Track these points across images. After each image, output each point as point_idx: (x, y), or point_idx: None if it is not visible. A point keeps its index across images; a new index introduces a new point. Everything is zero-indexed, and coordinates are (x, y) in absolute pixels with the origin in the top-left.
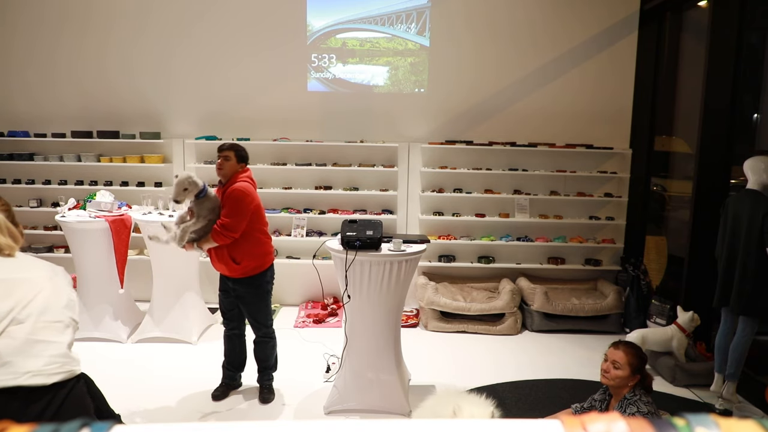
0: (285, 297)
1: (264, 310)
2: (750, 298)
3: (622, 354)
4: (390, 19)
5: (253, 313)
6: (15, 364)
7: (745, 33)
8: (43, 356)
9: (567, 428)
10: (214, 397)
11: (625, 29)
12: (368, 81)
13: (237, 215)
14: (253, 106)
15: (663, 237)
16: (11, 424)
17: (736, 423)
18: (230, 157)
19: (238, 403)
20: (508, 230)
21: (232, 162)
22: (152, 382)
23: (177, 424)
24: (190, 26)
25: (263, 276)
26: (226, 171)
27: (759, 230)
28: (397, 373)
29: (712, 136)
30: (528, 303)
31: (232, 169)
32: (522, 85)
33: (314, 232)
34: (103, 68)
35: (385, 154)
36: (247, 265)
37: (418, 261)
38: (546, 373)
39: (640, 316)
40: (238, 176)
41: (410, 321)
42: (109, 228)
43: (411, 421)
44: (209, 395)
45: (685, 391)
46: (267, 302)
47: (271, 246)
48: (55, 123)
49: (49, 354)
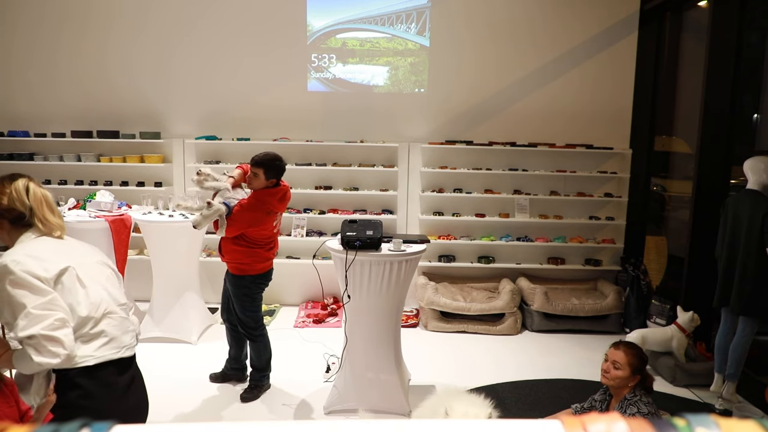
0: (285, 297)
1: (243, 312)
2: (750, 298)
3: (623, 354)
4: (390, 19)
5: (237, 309)
6: (118, 339)
7: (745, 33)
8: (130, 332)
9: (567, 428)
10: (210, 377)
11: (625, 29)
12: (368, 81)
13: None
14: (253, 106)
15: (663, 237)
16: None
17: (736, 423)
18: (258, 174)
19: (238, 403)
20: (508, 230)
21: (261, 179)
22: (152, 382)
23: (177, 424)
24: (190, 26)
25: (244, 279)
26: (254, 187)
27: (759, 230)
28: (397, 373)
29: (712, 136)
30: (528, 303)
31: (261, 185)
32: (522, 85)
33: (314, 232)
34: (103, 68)
35: (385, 154)
36: (231, 260)
37: (418, 261)
38: (546, 373)
39: (640, 316)
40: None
41: (410, 321)
42: (109, 228)
43: (411, 421)
44: (209, 395)
45: (685, 391)
46: (247, 305)
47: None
48: (55, 123)
49: (132, 330)
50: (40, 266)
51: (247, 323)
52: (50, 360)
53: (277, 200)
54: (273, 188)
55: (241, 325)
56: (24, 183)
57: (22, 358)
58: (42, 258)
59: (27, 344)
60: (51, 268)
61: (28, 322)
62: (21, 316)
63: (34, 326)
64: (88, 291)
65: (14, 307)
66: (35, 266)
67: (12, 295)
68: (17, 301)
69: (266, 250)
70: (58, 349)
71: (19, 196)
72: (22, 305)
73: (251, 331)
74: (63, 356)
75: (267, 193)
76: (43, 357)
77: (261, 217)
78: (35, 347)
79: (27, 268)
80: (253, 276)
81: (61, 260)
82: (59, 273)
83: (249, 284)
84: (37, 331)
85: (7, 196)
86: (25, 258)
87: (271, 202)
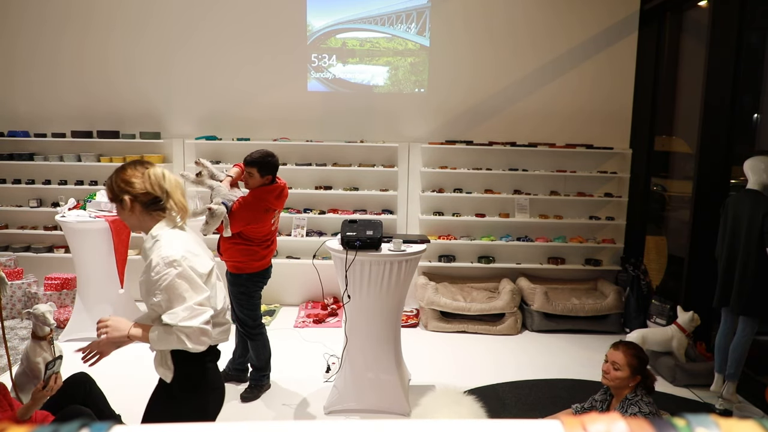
0: (285, 297)
1: (241, 310)
2: (750, 298)
3: (622, 355)
4: (390, 19)
5: (235, 307)
6: (226, 325)
7: (745, 33)
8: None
9: (567, 428)
10: None
11: (625, 29)
12: (368, 81)
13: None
14: (253, 106)
15: (663, 237)
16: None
17: (736, 423)
18: (253, 173)
19: (237, 404)
20: (508, 230)
21: (256, 178)
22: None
23: (176, 424)
24: (190, 27)
25: (240, 277)
26: (251, 186)
27: (759, 230)
28: (397, 373)
29: (712, 136)
30: (528, 303)
31: (257, 184)
32: (522, 85)
33: (314, 232)
34: (104, 68)
35: (385, 154)
36: (228, 258)
37: (418, 261)
38: (546, 373)
39: (640, 316)
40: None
41: (410, 321)
42: (109, 228)
43: (411, 421)
44: None
45: (685, 391)
46: (245, 303)
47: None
48: (55, 123)
49: None
50: (199, 263)
51: (245, 321)
52: (200, 347)
53: (274, 197)
54: (270, 185)
55: (240, 323)
56: (160, 170)
57: (166, 340)
58: (198, 254)
59: (180, 331)
60: (206, 265)
61: (188, 314)
62: (181, 308)
63: (194, 319)
64: (220, 285)
65: (174, 298)
66: (197, 263)
67: (175, 287)
68: (178, 293)
69: (264, 248)
70: (206, 339)
71: (157, 180)
72: (182, 298)
73: (249, 330)
74: (207, 345)
75: (264, 191)
76: (195, 344)
77: (259, 215)
78: (188, 335)
79: (192, 264)
80: (250, 274)
81: (207, 256)
82: (210, 270)
83: (246, 282)
84: (197, 324)
85: (145, 181)
86: (188, 254)
87: (269, 200)
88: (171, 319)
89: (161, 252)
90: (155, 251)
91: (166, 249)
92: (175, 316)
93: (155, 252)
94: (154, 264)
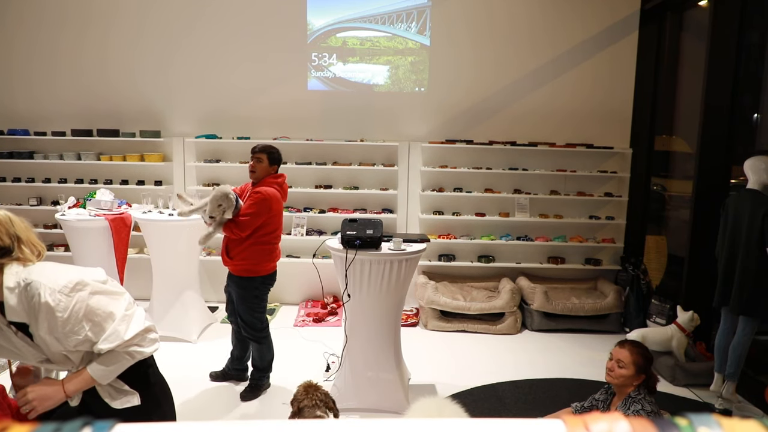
0: (285, 296)
1: (251, 314)
2: (750, 297)
3: (627, 353)
4: (390, 18)
5: (240, 312)
6: None
7: (745, 33)
8: None
9: (569, 428)
10: (210, 376)
11: (625, 29)
12: (368, 80)
13: (252, 215)
14: (253, 104)
15: (663, 237)
16: (12, 424)
17: (738, 423)
18: (262, 159)
19: (237, 403)
20: (508, 229)
21: (264, 164)
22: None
23: (176, 424)
24: (190, 25)
25: (253, 281)
26: (258, 174)
27: (759, 230)
28: (397, 372)
29: (712, 135)
30: (528, 302)
31: (264, 172)
32: (522, 84)
33: (314, 231)
34: (104, 66)
35: (385, 153)
36: (238, 264)
37: (418, 260)
38: (546, 373)
39: (640, 316)
40: (269, 180)
41: (410, 320)
42: (109, 226)
43: (411, 421)
44: (209, 394)
45: (684, 391)
46: (255, 307)
47: (273, 258)
48: (55, 121)
49: None
50: (92, 273)
51: (254, 325)
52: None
53: (278, 185)
54: (276, 174)
55: (247, 327)
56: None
57: (115, 365)
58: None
59: (128, 345)
60: (99, 272)
61: (126, 324)
62: (116, 323)
63: (136, 324)
64: None
65: (101, 319)
66: (93, 274)
67: (96, 307)
68: (103, 311)
69: (277, 246)
70: (155, 334)
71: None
72: (109, 314)
73: (257, 333)
74: (158, 340)
75: (272, 179)
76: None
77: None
78: (138, 343)
79: (91, 277)
80: (264, 276)
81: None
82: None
83: (259, 285)
84: (140, 326)
85: None
86: (75, 270)
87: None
88: (112, 341)
89: (49, 287)
90: (40, 296)
91: (52, 281)
92: (115, 336)
93: (42, 295)
94: (54, 304)
